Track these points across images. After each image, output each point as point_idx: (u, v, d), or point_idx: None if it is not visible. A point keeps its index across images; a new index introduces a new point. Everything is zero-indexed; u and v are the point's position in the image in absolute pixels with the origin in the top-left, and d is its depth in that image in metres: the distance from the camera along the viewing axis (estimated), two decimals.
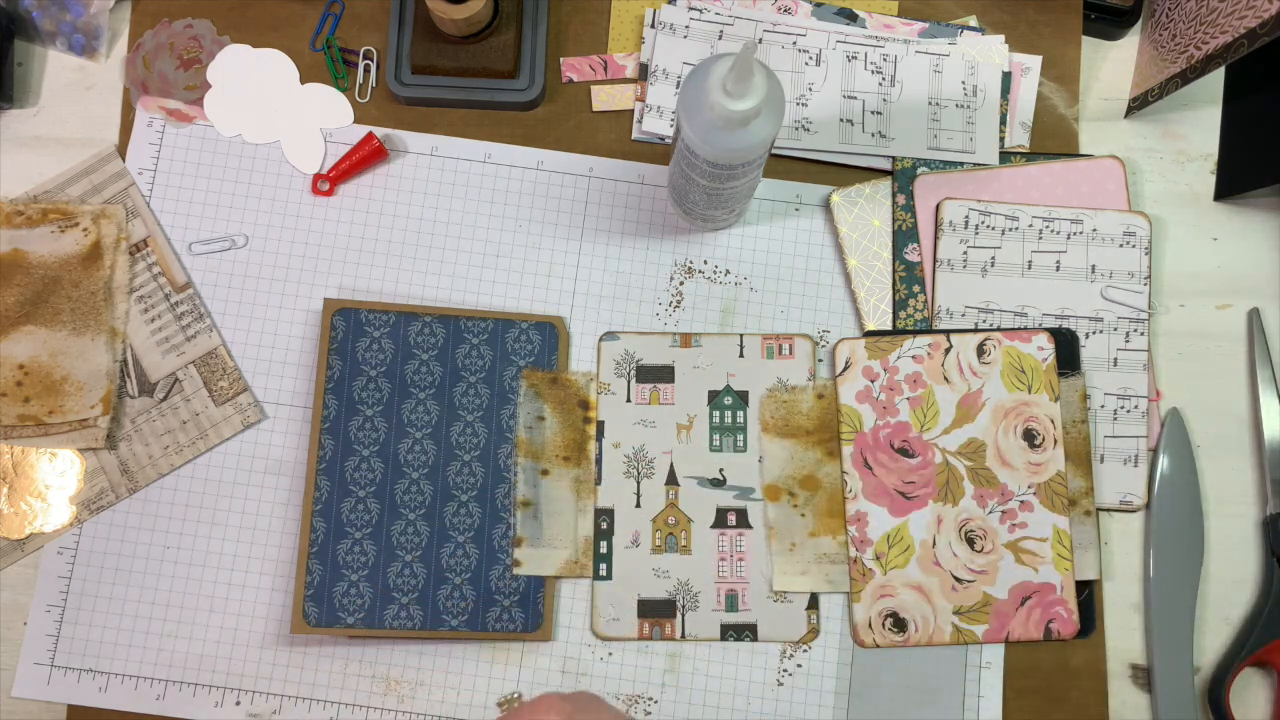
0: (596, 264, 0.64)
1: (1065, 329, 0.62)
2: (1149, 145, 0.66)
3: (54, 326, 0.62)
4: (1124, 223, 0.63)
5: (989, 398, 0.61)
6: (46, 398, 0.61)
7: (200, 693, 0.60)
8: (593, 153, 0.65)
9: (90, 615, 0.61)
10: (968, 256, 0.63)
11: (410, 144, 0.65)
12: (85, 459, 0.62)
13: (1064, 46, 0.66)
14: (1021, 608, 0.60)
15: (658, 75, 0.64)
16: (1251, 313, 0.64)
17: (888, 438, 0.61)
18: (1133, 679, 0.61)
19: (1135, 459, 0.62)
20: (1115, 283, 0.63)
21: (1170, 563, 0.61)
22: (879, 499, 0.61)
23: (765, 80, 0.48)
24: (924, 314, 0.63)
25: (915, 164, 0.64)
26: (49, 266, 0.62)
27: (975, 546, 0.60)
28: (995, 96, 0.65)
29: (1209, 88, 0.66)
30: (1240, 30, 0.55)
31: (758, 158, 0.53)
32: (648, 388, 0.62)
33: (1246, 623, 0.61)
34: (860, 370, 0.62)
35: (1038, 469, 0.61)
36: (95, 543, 0.61)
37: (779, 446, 0.62)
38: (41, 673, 0.60)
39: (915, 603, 0.60)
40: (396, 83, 0.64)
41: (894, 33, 0.65)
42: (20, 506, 0.61)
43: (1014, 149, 0.65)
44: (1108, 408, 0.62)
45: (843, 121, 0.64)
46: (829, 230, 0.65)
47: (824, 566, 0.61)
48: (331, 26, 0.66)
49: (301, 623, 0.59)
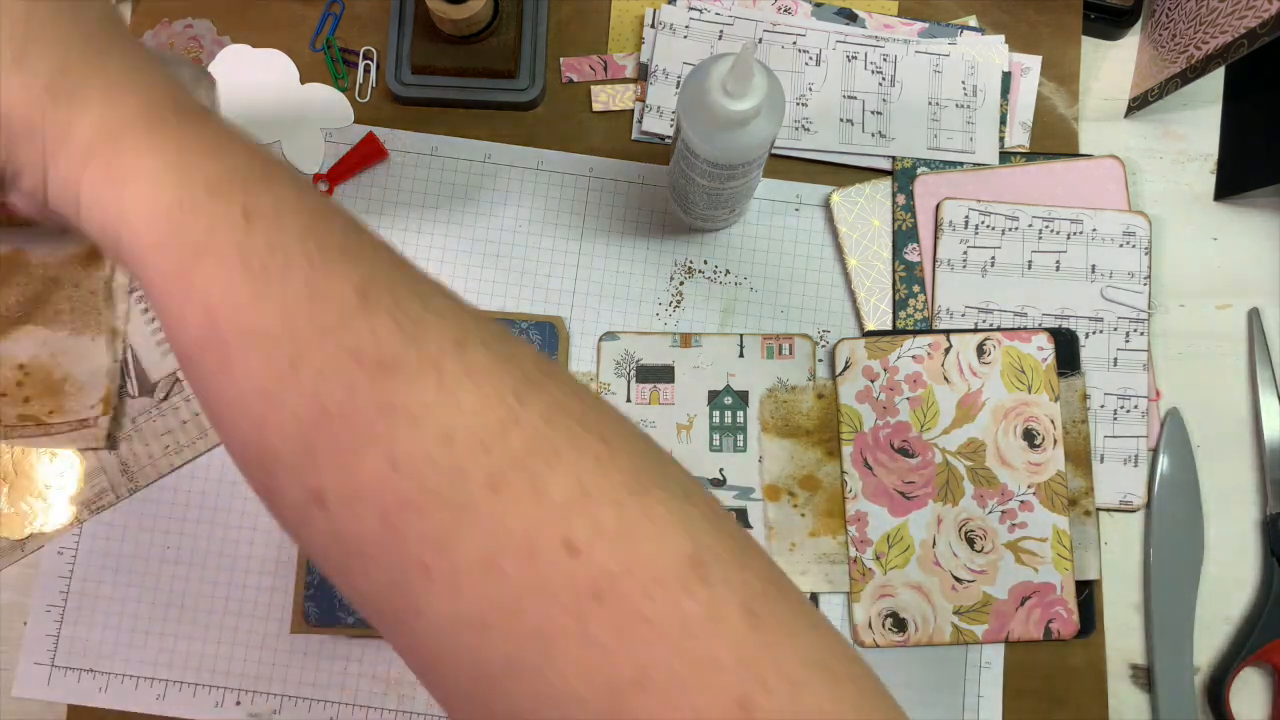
0: (596, 264, 0.64)
1: (1065, 329, 0.62)
2: (1149, 145, 0.66)
3: (54, 326, 0.62)
4: (1124, 223, 0.63)
5: (989, 398, 0.61)
6: (46, 398, 0.61)
7: (200, 693, 0.60)
8: (593, 153, 0.65)
9: (90, 615, 0.61)
10: (968, 256, 0.63)
11: (410, 144, 0.65)
12: (85, 459, 0.62)
13: (1064, 46, 0.66)
14: (1021, 608, 0.60)
15: (658, 75, 0.64)
16: (1251, 313, 0.64)
17: (888, 438, 0.61)
18: (1133, 679, 0.61)
19: (1135, 459, 0.62)
20: (1115, 283, 0.63)
21: (1170, 563, 0.61)
22: (879, 499, 0.61)
23: (765, 80, 0.48)
24: (924, 314, 0.63)
25: (915, 164, 0.64)
26: (49, 266, 0.62)
27: (975, 546, 0.60)
28: (995, 96, 0.65)
29: (1209, 88, 0.66)
30: (1240, 30, 0.55)
31: (758, 158, 0.53)
32: (648, 388, 0.62)
33: (1246, 623, 0.61)
34: (860, 370, 0.62)
35: (1038, 469, 0.61)
36: (95, 543, 0.61)
37: (779, 446, 0.62)
38: (41, 673, 0.60)
39: (915, 603, 0.60)
40: (396, 82, 0.64)
41: (894, 33, 0.65)
42: (20, 506, 0.61)
43: (1014, 149, 0.65)
44: (1108, 408, 0.62)
45: (843, 121, 0.64)
46: (829, 230, 0.65)
47: (824, 566, 0.61)
48: (331, 26, 0.66)
49: (301, 623, 0.59)
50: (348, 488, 0.28)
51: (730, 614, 0.28)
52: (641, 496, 0.29)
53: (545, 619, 0.28)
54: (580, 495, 0.28)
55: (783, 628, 0.29)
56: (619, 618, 0.28)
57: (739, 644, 0.28)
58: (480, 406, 0.29)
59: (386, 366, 0.28)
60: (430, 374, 0.29)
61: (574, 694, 0.28)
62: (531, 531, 0.28)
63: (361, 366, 0.28)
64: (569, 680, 0.28)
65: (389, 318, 0.29)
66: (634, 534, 0.28)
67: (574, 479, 0.29)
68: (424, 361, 0.29)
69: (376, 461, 0.28)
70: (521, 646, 0.28)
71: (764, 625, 0.29)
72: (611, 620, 0.28)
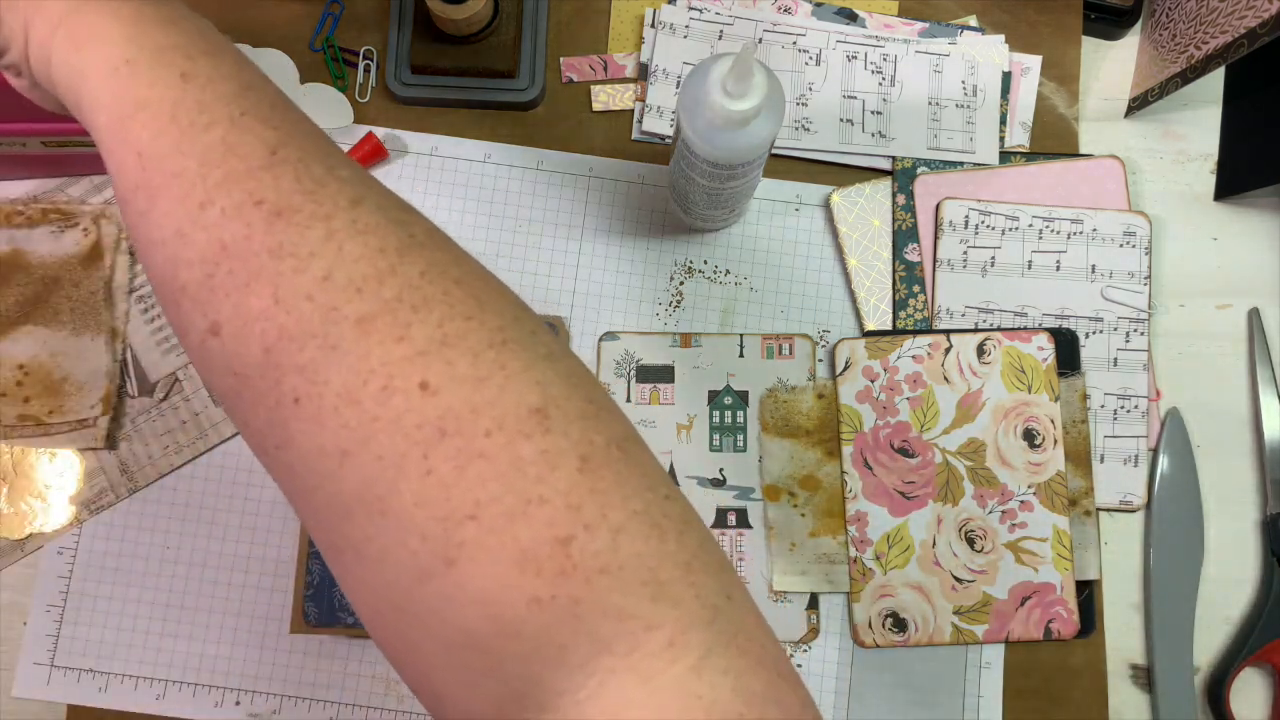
0: (596, 264, 0.64)
1: (1065, 329, 0.62)
2: (1149, 145, 0.66)
3: (54, 326, 0.62)
4: (1124, 223, 0.63)
5: (989, 398, 0.61)
6: (46, 398, 0.61)
7: (200, 693, 0.60)
8: (593, 153, 0.65)
9: (90, 615, 0.61)
10: (968, 256, 0.63)
11: (410, 144, 0.65)
12: (85, 459, 0.62)
13: (1064, 46, 0.66)
14: (1021, 608, 0.60)
15: (658, 75, 0.64)
16: (1251, 313, 0.64)
17: (888, 438, 0.61)
18: (1133, 679, 0.61)
19: (1135, 459, 0.62)
20: (1115, 283, 0.63)
21: (1170, 563, 0.61)
22: (879, 499, 0.61)
23: (765, 80, 0.48)
24: (924, 314, 0.63)
25: (915, 164, 0.64)
26: (49, 266, 0.62)
27: (975, 546, 0.60)
28: (995, 96, 0.65)
29: (1209, 88, 0.66)
30: (1240, 30, 0.55)
31: (758, 158, 0.53)
32: (648, 388, 0.62)
33: (1246, 623, 0.61)
34: (860, 370, 0.62)
35: (1038, 469, 0.61)
36: (95, 543, 0.61)
37: (779, 446, 0.62)
38: (41, 673, 0.60)
39: (915, 603, 0.60)
40: (396, 82, 0.64)
41: (894, 33, 0.65)
42: (20, 506, 0.61)
43: (1014, 149, 0.65)
44: (1108, 408, 0.62)
45: (843, 121, 0.64)
46: (829, 230, 0.65)
47: (824, 566, 0.61)
48: (331, 26, 0.66)
49: (301, 623, 0.59)
50: (238, 319, 0.32)
51: (565, 461, 0.31)
52: (499, 350, 0.32)
53: (394, 451, 0.30)
54: (441, 343, 0.31)
55: (615, 479, 0.31)
56: (459, 454, 0.30)
57: (568, 489, 0.30)
58: (361, 256, 0.32)
59: (282, 214, 0.32)
60: (320, 223, 0.32)
61: (415, 523, 0.30)
62: (391, 369, 0.31)
63: (259, 211, 0.32)
64: (411, 510, 0.30)
65: (292, 174, 0.33)
66: (485, 381, 0.31)
67: (437, 328, 0.31)
68: (316, 213, 0.32)
69: (263, 296, 0.31)
70: (373, 477, 0.30)
71: (596, 474, 0.31)
72: (453, 455, 0.30)
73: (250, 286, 0.32)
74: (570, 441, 0.31)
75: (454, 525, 0.30)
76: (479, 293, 0.33)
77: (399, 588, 0.31)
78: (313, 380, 0.31)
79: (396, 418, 0.30)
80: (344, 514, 0.31)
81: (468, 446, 0.30)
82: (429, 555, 0.30)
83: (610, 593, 0.30)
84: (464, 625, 0.30)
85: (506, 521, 0.30)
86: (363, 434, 0.30)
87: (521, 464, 0.30)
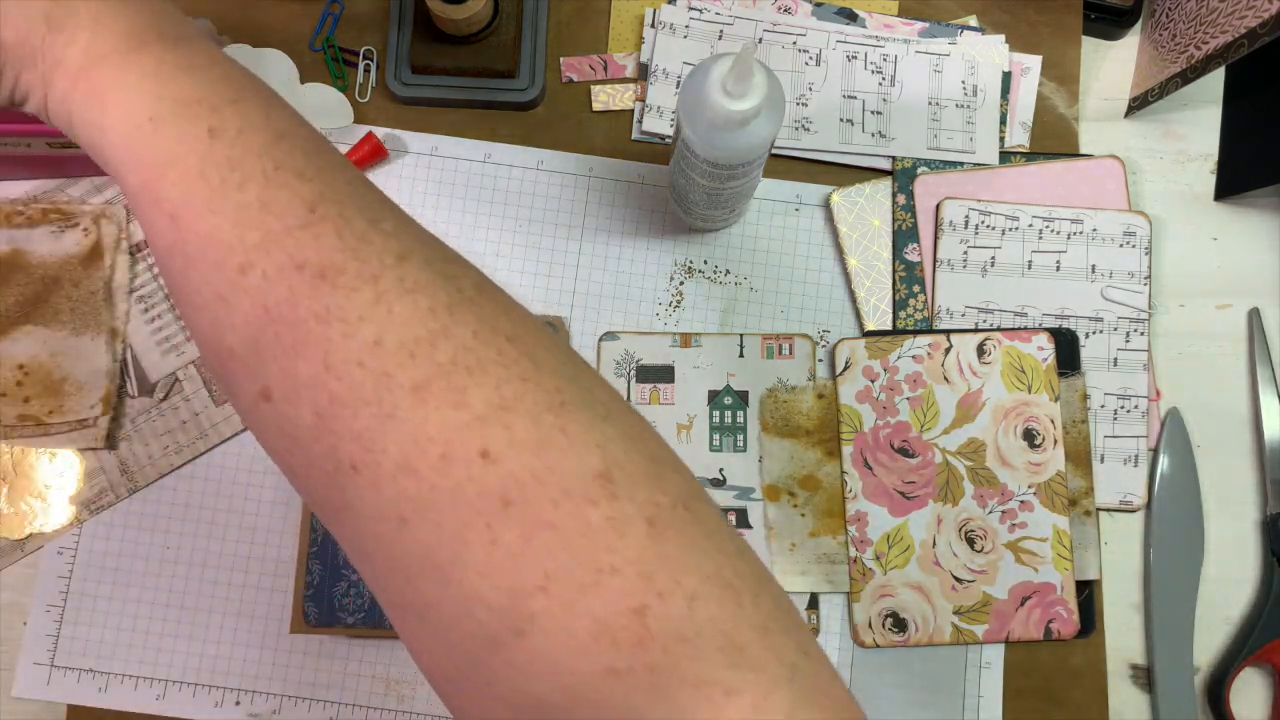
0: (596, 264, 0.64)
1: (1065, 329, 0.62)
2: (1149, 145, 0.66)
3: (54, 326, 0.62)
4: (1124, 223, 0.63)
5: (989, 398, 0.61)
6: (46, 398, 0.61)
7: (200, 693, 0.60)
8: (593, 153, 0.65)
9: (90, 615, 0.61)
10: (968, 256, 0.63)
11: (410, 144, 0.65)
12: (85, 459, 0.62)
13: (1064, 46, 0.66)
14: (1021, 608, 0.60)
15: (658, 75, 0.64)
16: (1251, 313, 0.64)
17: (888, 438, 0.61)
18: (1133, 679, 0.61)
19: (1135, 459, 0.62)
20: (1115, 283, 0.63)
21: (1170, 563, 0.61)
22: (879, 499, 0.61)
23: (765, 80, 0.48)
24: (924, 314, 0.63)
25: (915, 164, 0.64)
26: (49, 266, 0.62)
27: (975, 546, 0.60)
28: (995, 96, 0.65)
29: (1209, 88, 0.66)
30: (1240, 30, 0.55)
31: (758, 158, 0.53)
32: (648, 388, 0.62)
33: (1246, 623, 0.61)
34: (860, 370, 0.62)
35: (1038, 469, 0.61)
36: (95, 543, 0.61)
37: (779, 446, 0.62)
38: (41, 673, 0.60)
39: (915, 603, 0.60)
40: (396, 82, 0.64)
41: (894, 32, 0.65)
42: (20, 506, 0.61)
43: (1014, 149, 0.65)
44: (1108, 408, 0.62)
45: (843, 121, 0.64)
46: (829, 230, 0.65)
47: (824, 566, 0.61)
48: (331, 26, 0.66)
49: (301, 623, 0.59)
50: (288, 384, 0.31)
51: (633, 527, 0.30)
52: (558, 413, 0.31)
53: (457, 520, 0.29)
54: (499, 407, 0.30)
55: (685, 543, 0.30)
56: (525, 524, 0.29)
57: (639, 556, 0.29)
58: (411, 317, 0.31)
59: (326, 275, 0.31)
60: (367, 284, 0.31)
61: (480, 594, 0.29)
62: (449, 437, 0.30)
63: (302, 274, 0.31)
64: (476, 580, 0.29)
65: (333, 230, 0.31)
66: (546, 447, 0.30)
67: (495, 391, 0.30)
68: (362, 272, 0.31)
69: (313, 362, 0.30)
70: (434, 545, 0.30)
71: (666, 539, 0.30)
72: (518, 525, 0.29)
73: (298, 352, 0.31)
74: (636, 505, 0.30)
75: (523, 597, 0.29)
76: (532, 349, 0.32)
77: (465, 652, 0.30)
78: (369, 449, 0.30)
79: (456, 486, 0.29)
80: (405, 579, 0.31)
81: (534, 516, 0.29)
82: (497, 625, 0.29)
83: (688, 661, 0.29)
84: (537, 695, 0.29)
85: (578, 593, 0.29)
86: (422, 503, 0.30)
87: (590, 532, 0.29)
